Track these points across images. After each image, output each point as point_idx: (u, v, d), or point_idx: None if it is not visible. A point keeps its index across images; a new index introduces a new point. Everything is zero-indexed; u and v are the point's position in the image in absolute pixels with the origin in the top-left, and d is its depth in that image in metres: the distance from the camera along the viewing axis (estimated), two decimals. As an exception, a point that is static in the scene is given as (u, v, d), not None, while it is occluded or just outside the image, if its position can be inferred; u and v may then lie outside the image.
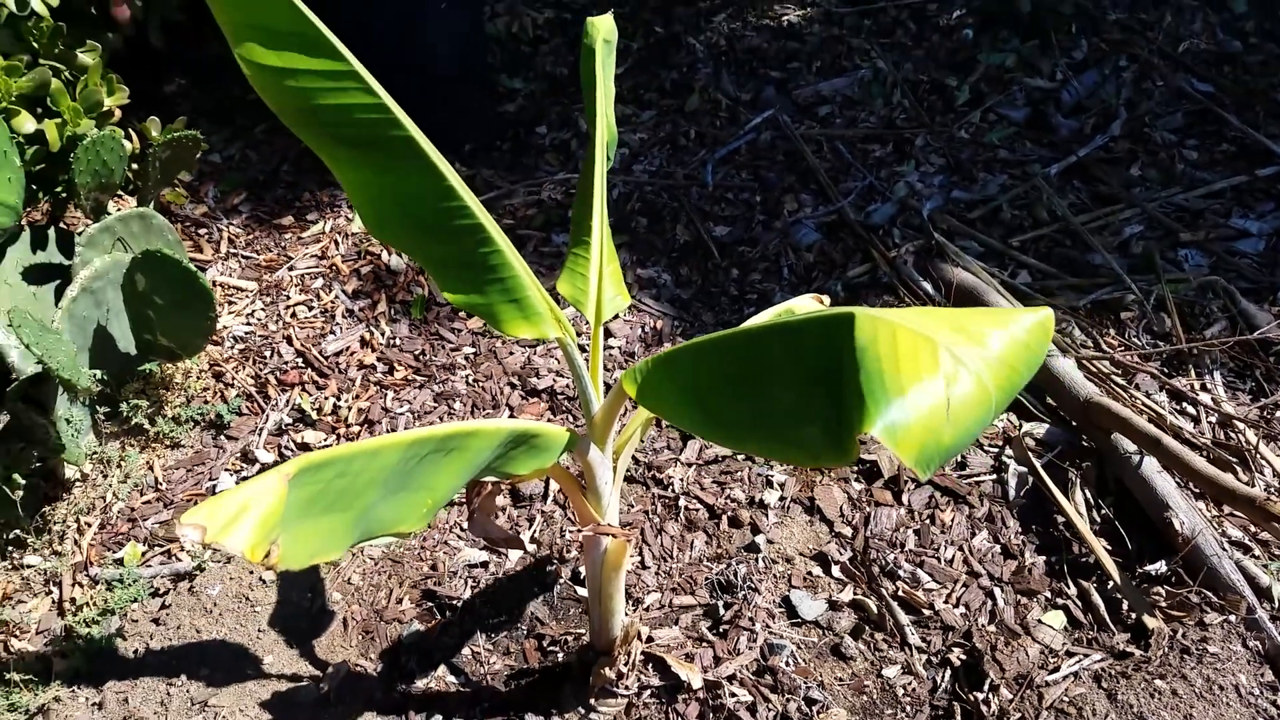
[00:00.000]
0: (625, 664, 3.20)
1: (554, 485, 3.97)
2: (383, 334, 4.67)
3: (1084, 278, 4.65)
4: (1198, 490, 3.69)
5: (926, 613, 3.46)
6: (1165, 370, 4.18)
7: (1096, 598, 3.44)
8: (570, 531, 3.78)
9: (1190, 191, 5.06)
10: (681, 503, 3.88)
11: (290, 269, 5.03)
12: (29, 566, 3.76)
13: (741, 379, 1.97)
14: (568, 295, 2.76)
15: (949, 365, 1.59)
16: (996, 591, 3.51)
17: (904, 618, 3.43)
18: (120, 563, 3.77)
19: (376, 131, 2.19)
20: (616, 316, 4.65)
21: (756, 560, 3.65)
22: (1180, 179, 5.15)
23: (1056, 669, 3.24)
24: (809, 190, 5.29)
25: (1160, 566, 3.48)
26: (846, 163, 5.44)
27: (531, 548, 3.75)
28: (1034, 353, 1.72)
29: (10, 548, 3.78)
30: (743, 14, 6.62)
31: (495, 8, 6.71)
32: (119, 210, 4.23)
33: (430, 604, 3.60)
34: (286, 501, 1.80)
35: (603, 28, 2.94)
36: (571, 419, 4.23)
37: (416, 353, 4.57)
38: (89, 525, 3.91)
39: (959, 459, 3.92)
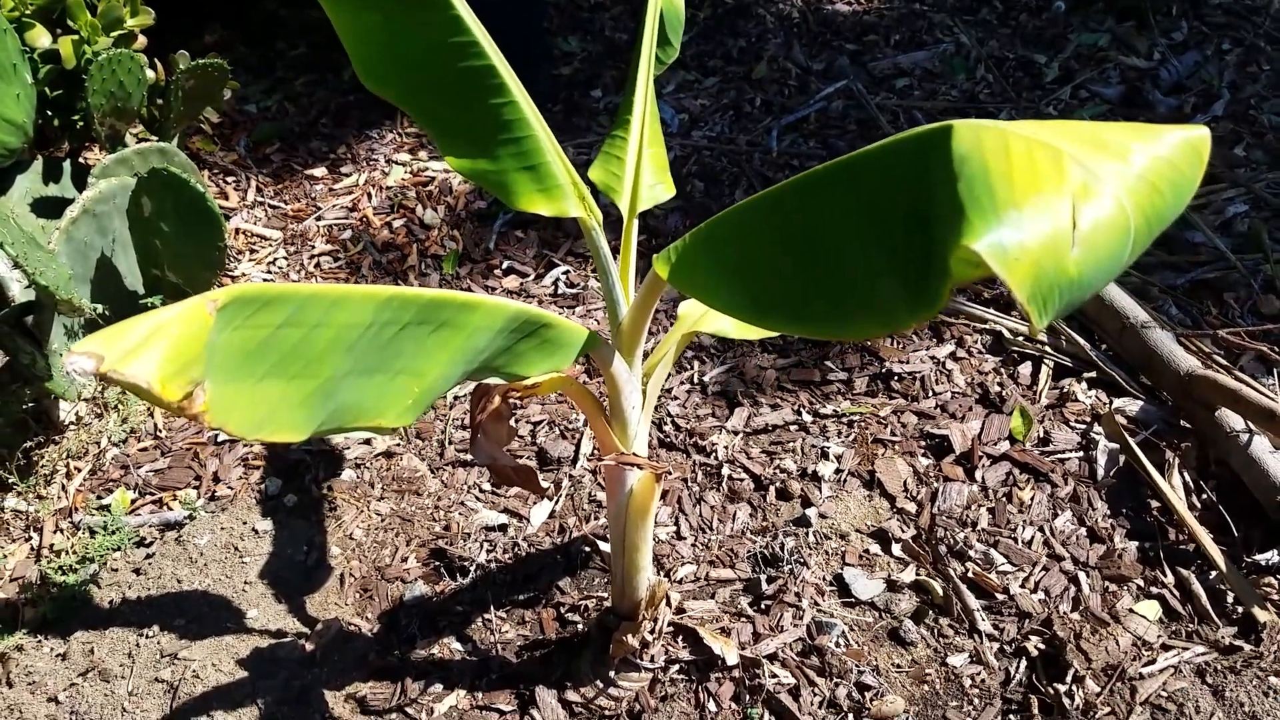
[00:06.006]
0: (651, 631, 2.79)
1: (585, 448, 3.57)
2: (411, 288, 4.31)
3: (1181, 255, 4.19)
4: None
5: (1000, 597, 3.01)
6: (1275, 349, 3.70)
7: (1197, 587, 2.96)
8: (599, 494, 3.39)
9: (1301, 173, 4.58)
10: (725, 471, 3.46)
11: (318, 219, 4.70)
12: (7, 509, 3.44)
13: (799, 235, 1.57)
14: (599, 181, 2.37)
15: (1078, 178, 1.18)
16: (1081, 577, 3.04)
17: (974, 602, 2.98)
18: (107, 509, 3.44)
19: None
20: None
21: (806, 534, 3.22)
22: (1290, 160, 4.68)
23: (1152, 661, 2.77)
24: (880, 160, 4.87)
25: (1271, 556, 2.99)
26: (922, 134, 5.02)
27: (553, 504, 3.37)
28: (1185, 177, 1.29)
29: (-10, 488, 3.47)
30: (816, -14, 6.24)
31: (556, -30, 6.38)
32: (139, 145, 3.95)
33: (439, 564, 3.21)
34: (214, 338, 1.43)
35: None
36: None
37: (446, 309, 4.20)
38: (79, 470, 3.59)
39: (1041, 433, 3.47)
